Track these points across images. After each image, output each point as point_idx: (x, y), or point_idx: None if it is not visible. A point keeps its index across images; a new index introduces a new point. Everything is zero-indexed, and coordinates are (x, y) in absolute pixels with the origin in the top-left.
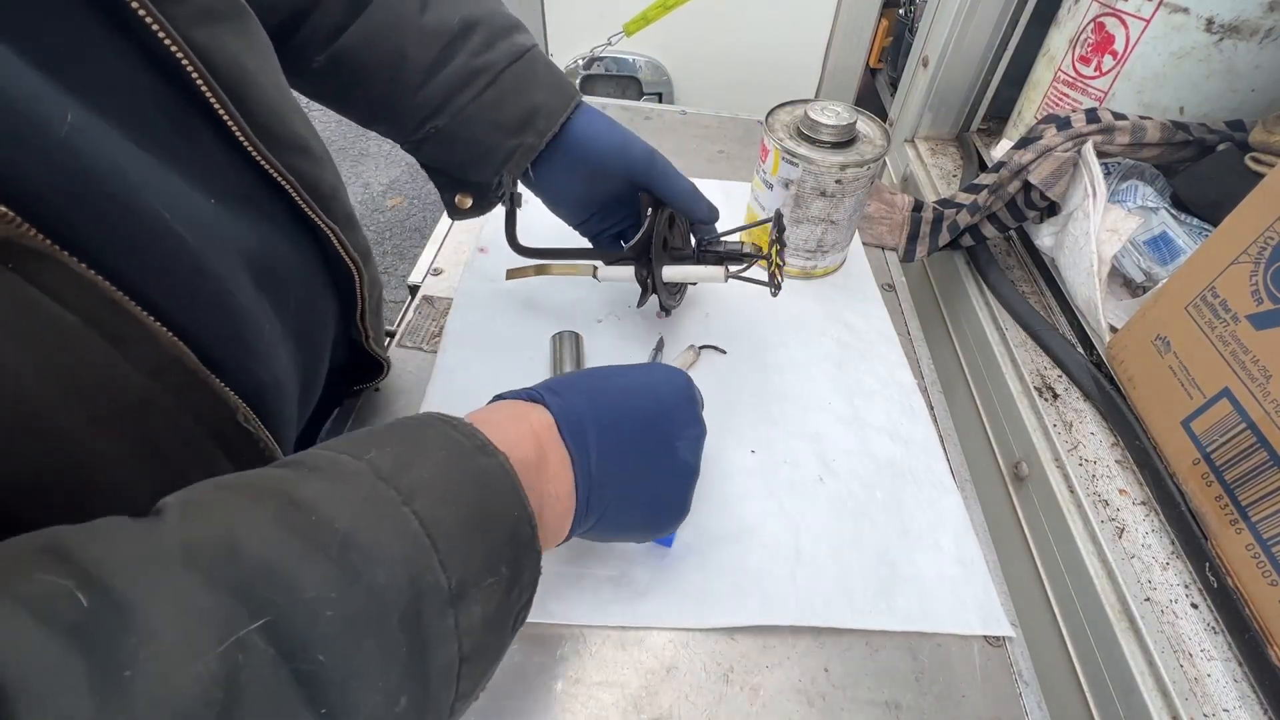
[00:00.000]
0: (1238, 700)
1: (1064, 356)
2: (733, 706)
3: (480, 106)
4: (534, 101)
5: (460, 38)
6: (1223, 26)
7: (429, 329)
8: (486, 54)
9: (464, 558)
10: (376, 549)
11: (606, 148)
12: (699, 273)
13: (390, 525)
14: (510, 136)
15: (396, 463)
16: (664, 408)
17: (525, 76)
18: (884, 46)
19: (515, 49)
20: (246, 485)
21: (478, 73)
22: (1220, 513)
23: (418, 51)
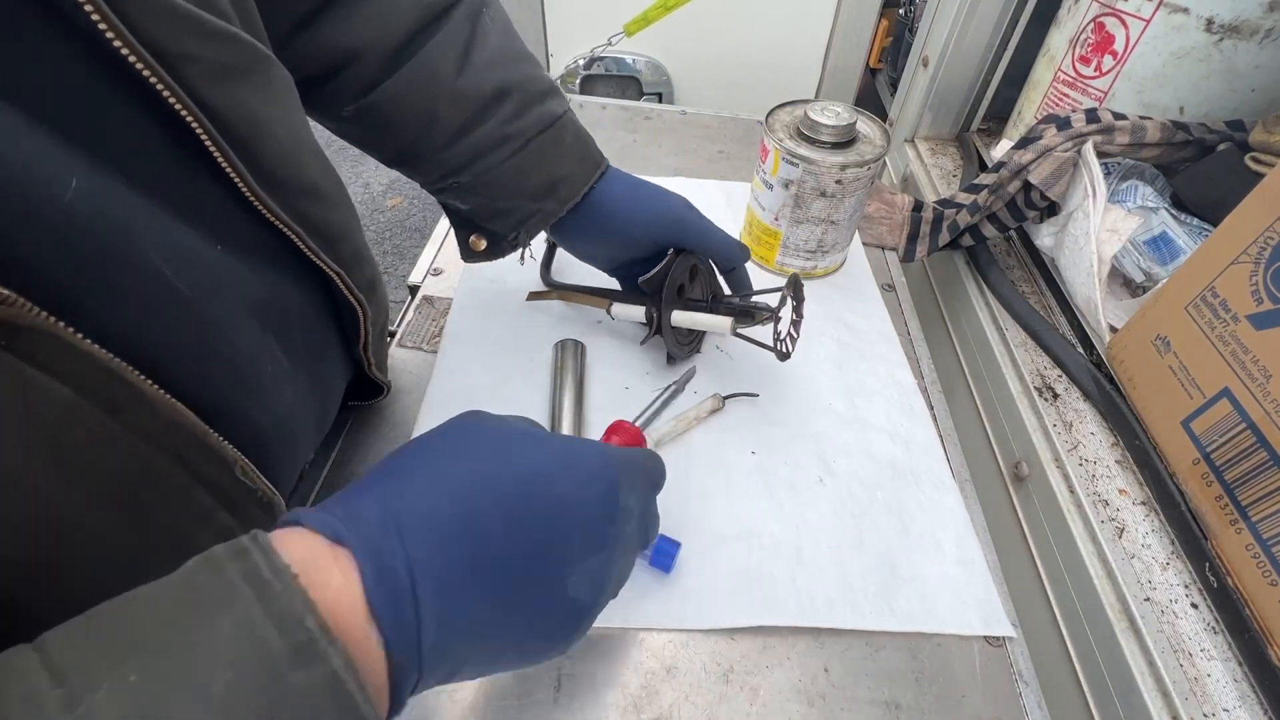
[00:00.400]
0: (1238, 700)
1: (1064, 356)
2: (733, 706)
3: (505, 172)
4: (559, 171)
5: (493, 104)
6: (1223, 26)
7: (429, 329)
8: (517, 122)
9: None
10: None
11: (629, 217)
12: (705, 321)
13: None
14: (532, 201)
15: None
16: (560, 532)
17: (553, 145)
18: (884, 46)
19: (546, 117)
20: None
21: (507, 139)
22: (1220, 513)
23: (449, 114)
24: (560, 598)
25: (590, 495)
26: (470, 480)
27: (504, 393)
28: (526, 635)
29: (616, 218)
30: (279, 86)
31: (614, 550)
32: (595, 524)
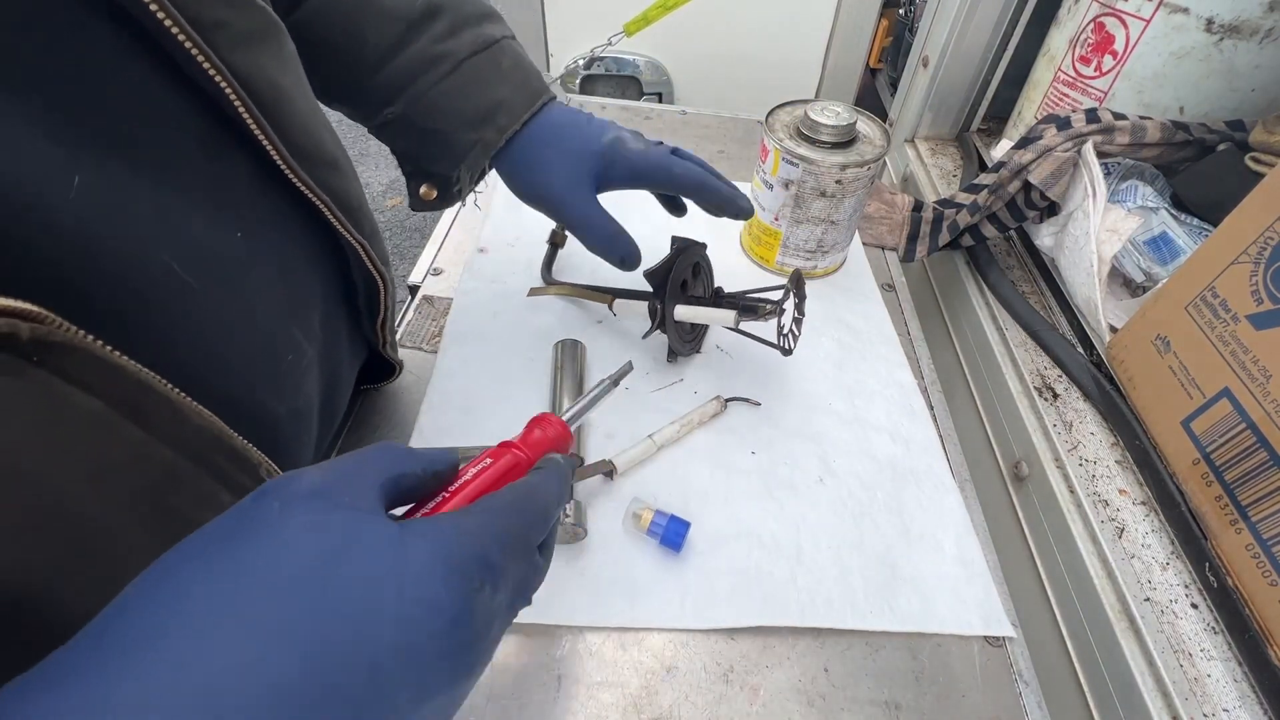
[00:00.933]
0: (1238, 700)
1: (1064, 356)
2: (733, 706)
3: (440, 95)
4: (497, 96)
5: (423, 21)
6: (1223, 26)
7: (429, 329)
8: (448, 41)
9: None
10: None
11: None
12: (710, 315)
13: None
14: (470, 130)
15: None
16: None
17: (489, 68)
18: (884, 46)
19: (482, 39)
20: None
21: (438, 59)
22: (1220, 513)
23: (377, 32)
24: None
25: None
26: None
27: (504, 393)
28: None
29: (554, 146)
30: (290, 54)
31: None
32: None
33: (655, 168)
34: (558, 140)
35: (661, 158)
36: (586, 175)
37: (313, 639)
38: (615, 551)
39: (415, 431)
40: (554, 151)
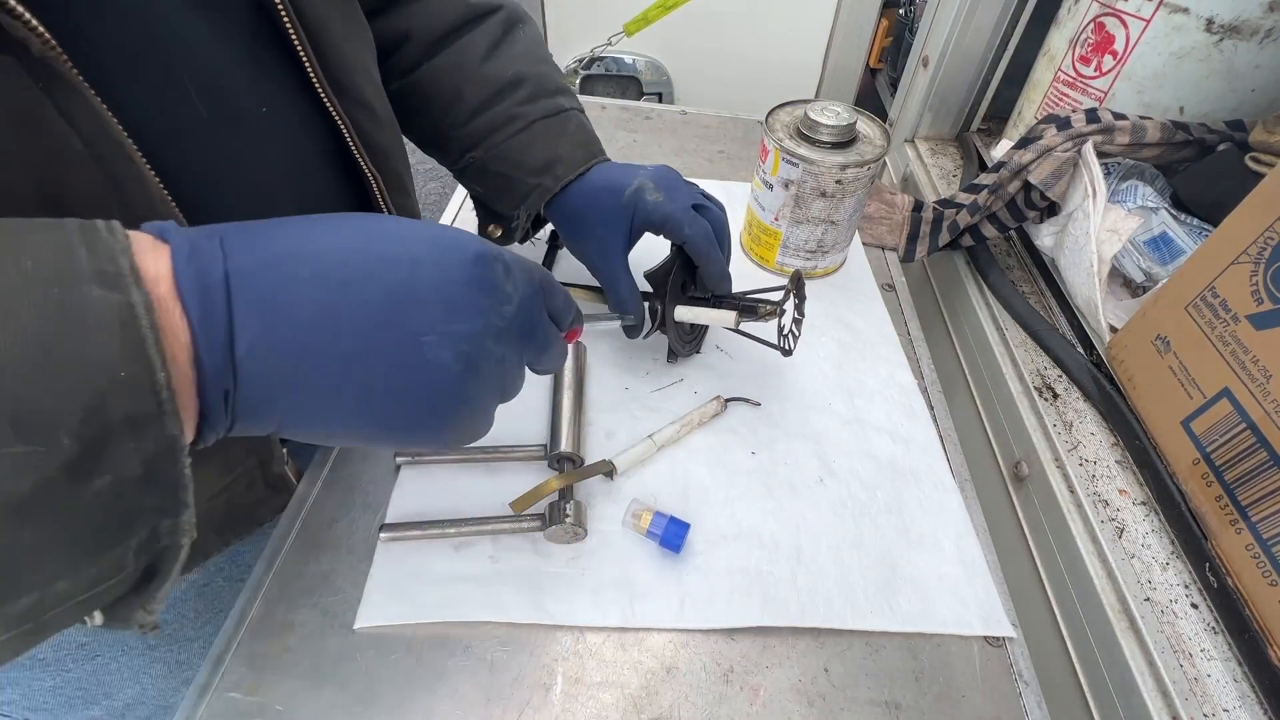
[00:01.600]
0: (1238, 700)
1: (1064, 356)
2: (733, 706)
3: (510, 147)
4: (557, 151)
5: (509, 88)
6: (1223, 27)
7: None
8: (527, 106)
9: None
10: None
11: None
12: (709, 315)
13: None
14: (531, 177)
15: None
16: (416, 284)
17: (555, 130)
18: (884, 46)
19: (553, 107)
20: None
21: (515, 118)
22: (1220, 513)
23: (471, 93)
24: (416, 357)
25: (451, 260)
26: (321, 232)
27: None
28: (380, 394)
29: (595, 201)
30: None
31: (484, 324)
32: (457, 289)
33: (667, 221)
34: (597, 198)
35: (674, 214)
36: (618, 232)
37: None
38: (615, 551)
39: None
40: (592, 213)
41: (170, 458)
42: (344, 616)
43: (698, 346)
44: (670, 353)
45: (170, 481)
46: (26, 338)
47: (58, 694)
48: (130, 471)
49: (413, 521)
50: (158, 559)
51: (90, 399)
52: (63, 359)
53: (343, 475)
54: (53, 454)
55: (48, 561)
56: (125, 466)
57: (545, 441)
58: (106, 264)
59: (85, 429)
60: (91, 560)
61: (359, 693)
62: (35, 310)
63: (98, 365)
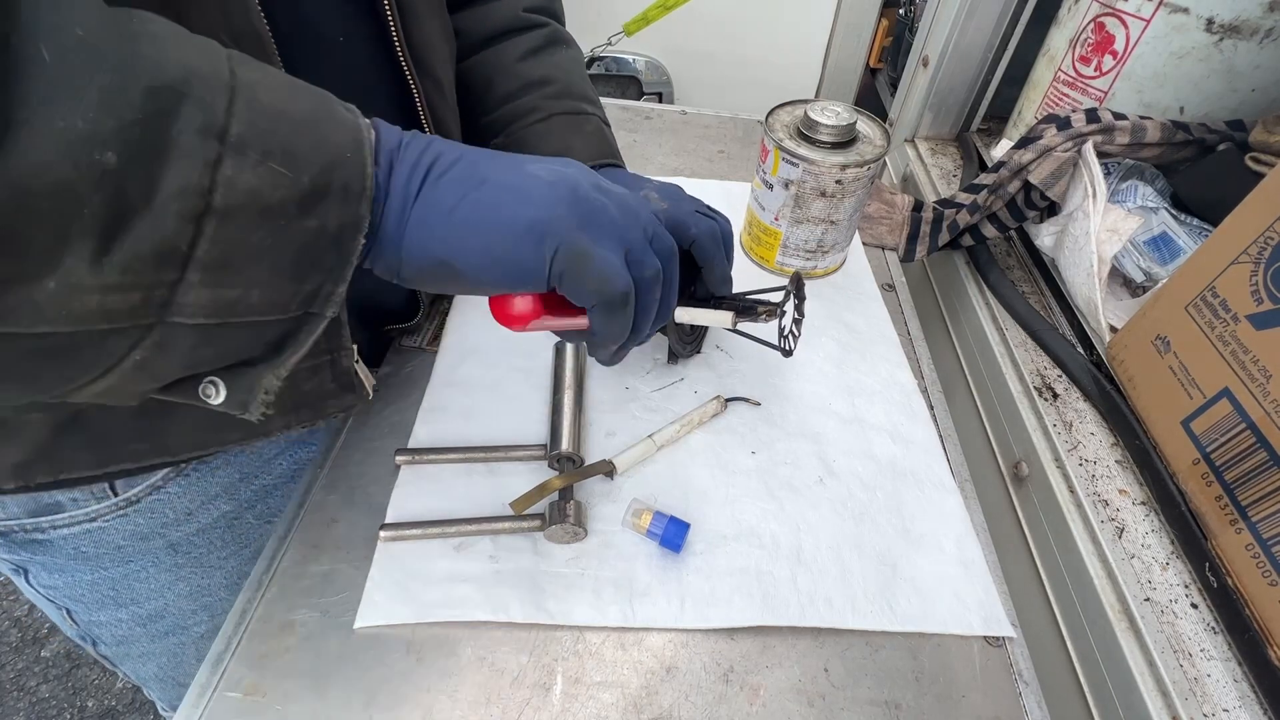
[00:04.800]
0: (1238, 700)
1: (1064, 356)
2: (733, 706)
3: (527, 136)
4: (568, 144)
5: (537, 85)
6: (1223, 26)
7: (429, 329)
8: (551, 103)
9: (260, 126)
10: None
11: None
12: (709, 316)
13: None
14: None
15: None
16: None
17: (572, 127)
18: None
19: (575, 109)
20: None
21: (535, 110)
22: (1220, 513)
23: (501, 85)
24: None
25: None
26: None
27: (504, 393)
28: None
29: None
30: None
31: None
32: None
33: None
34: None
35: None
36: None
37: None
38: (615, 551)
39: (414, 432)
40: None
41: (354, 230)
42: (344, 616)
43: (698, 347)
44: (670, 354)
45: (347, 250)
46: (304, 110)
47: (95, 590)
48: (331, 225)
49: (413, 521)
50: (303, 322)
51: (326, 159)
52: (319, 130)
53: (343, 475)
54: (296, 184)
55: (260, 265)
56: (329, 219)
57: (545, 441)
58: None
59: (319, 177)
60: (281, 282)
61: (359, 693)
62: (312, 101)
63: (336, 144)
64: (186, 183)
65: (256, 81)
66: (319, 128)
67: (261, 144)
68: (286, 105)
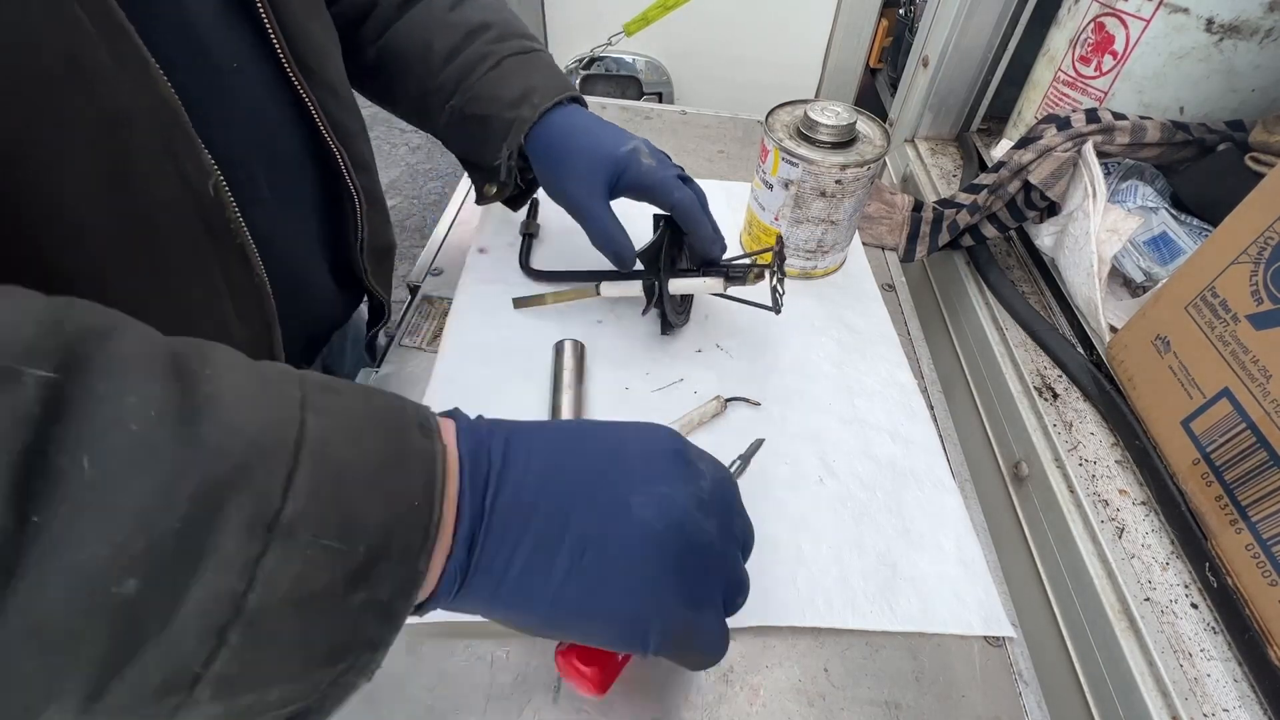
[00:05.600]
0: (1238, 700)
1: (1064, 356)
2: (733, 706)
3: (485, 85)
4: (531, 82)
5: (478, 31)
6: (1223, 26)
7: (429, 329)
8: (497, 44)
9: (320, 496)
10: (232, 415)
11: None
12: (701, 284)
13: (266, 411)
14: (508, 110)
15: (328, 383)
16: (622, 454)
17: (527, 65)
18: (884, 46)
19: (523, 47)
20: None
21: (486, 57)
22: (1220, 513)
23: (441, 41)
24: (626, 516)
25: (650, 437)
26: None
27: (504, 393)
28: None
29: (580, 139)
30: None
31: (683, 489)
32: (657, 457)
33: (659, 185)
34: (582, 139)
35: (667, 179)
36: (601, 177)
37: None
38: None
39: None
40: (576, 150)
41: (408, 593)
42: None
43: (687, 316)
44: (665, 324)
45: (398, 615)
46: (374, 453)
47: None
48: (380, 595)
49: None
50: (328, 697)
51: (388, 520)
52: (388, 480)
53: None
54: (350, 557)
55: (287, 662)
56: (381, 589)
57: None
58: (422, 419)
59: (375, 543)
60: (310, 674)
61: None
62: (384, 435)
63: (405, 494)
64: (217, 593)
65: (327, 431)
66: (388, 477)
67: (317, 521)
68: (355, 453)
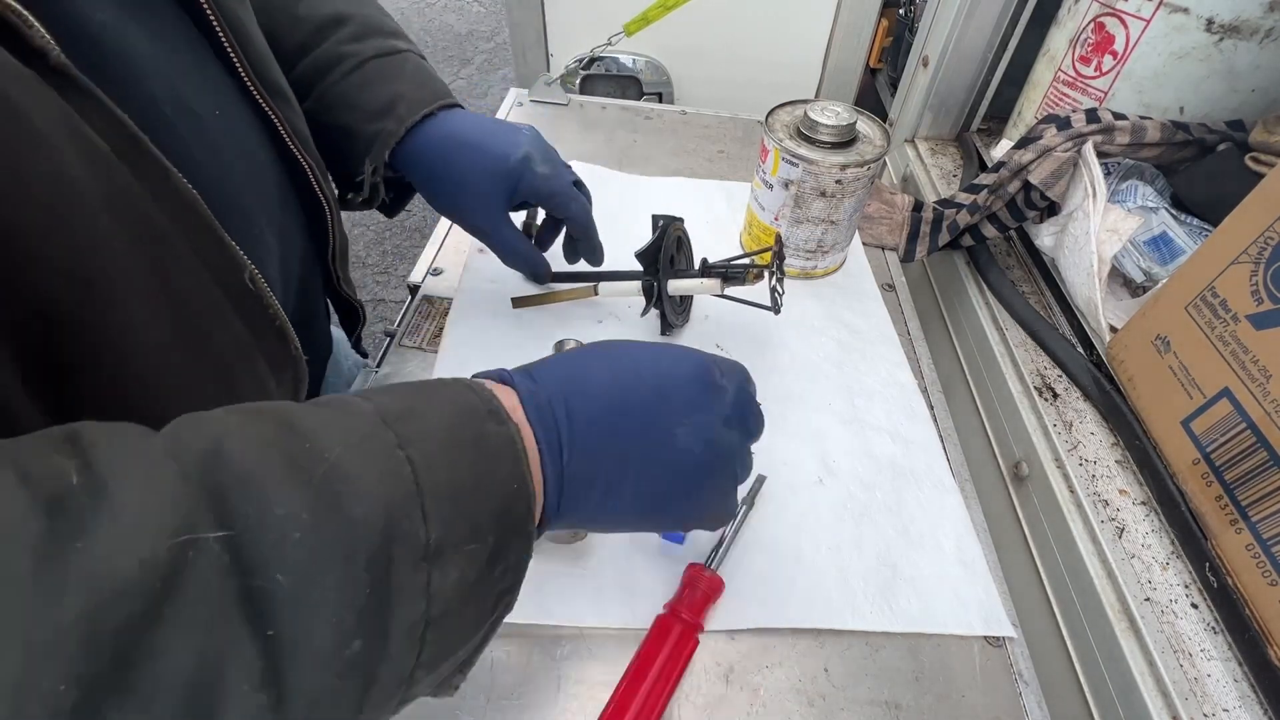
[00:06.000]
0: (1238, 700)
1: (1064, 356)
2: (733, 706)
3: (343, 90)
4: (396, 90)
5: (330, 26)
6: (1223, 26)
7: (429, 329)
8: (353, 44)
9: (449, 516)
10: (361, 485)
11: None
12: (699, 285)
13: (380, 466)
14: (371, 122)
15: (403, 409)
16: (664, 392)
17: (391, 70)
18: (884, 46)
19: (387, 47)
20: (254, 408)
21: (343, 58)
22: (1220, 513)
23: (288, 35)
24: (672, 447)
25: (682, 369)
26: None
27: None
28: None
29: (464, 154)
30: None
31: (715, 414)
32: (692, 389)
33: (556, 195)
34: (466, 154)
35: (563, 189)
36: (497, 193)
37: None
38: (616, 552)
39: None
40: (463, 167)
41: (528, 548)
42: None
43: (687, 316)
44: (665, 325)
45: (523, 565)
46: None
47: None
48: (511, 559)
49: None
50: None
51: (498, 507)
52: (488, 479)
53: None
54: (484, 548)
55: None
56: (510, 556)
57: None
58: (490, 404)
59: (498, 529)
60: (476, 632)
61: None
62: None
63: (501, 483)
64: (411, 619)
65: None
66: (487, 477)
67: (453, 536)
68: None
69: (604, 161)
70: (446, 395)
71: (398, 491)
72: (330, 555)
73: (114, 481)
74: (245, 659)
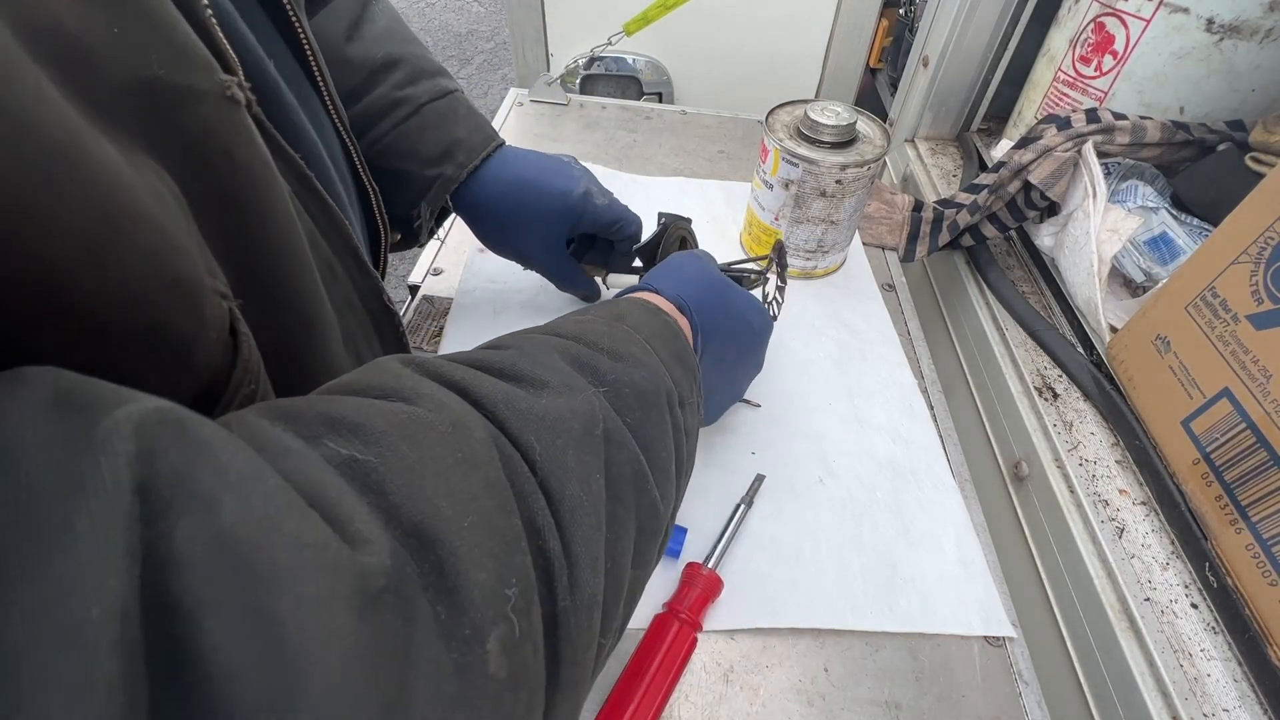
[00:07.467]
0: (1238, 700)
1: (1064, 356)
2: (733, 706)
3: (399, 136)
4: (454, 135)
5: (383, 71)
6: (1223, 26)
7: (429, 329)
8: (409, 88)
9: (677, 379)
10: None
11: (531, 185)
12: None
13: (639, 347)
14: (431, 167)
15: (615, 314)
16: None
17: (447, 113)
18: (884, 46)
19: (439, 89)
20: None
21: (398, 104)
22: (1220, 513)
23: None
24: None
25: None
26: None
27: None
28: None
29: (524, 194)
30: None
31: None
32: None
33: (615, 223)
34: (526, 194)
35: (623, 213)
36: (559, 231)
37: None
38: None
39: None
40: (524, 206)
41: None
42: None
43: None
44: None
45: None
46: (670, 347)
47: None
48: (690, 419)
49: None
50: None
51: (689, 376)
52: (683, 356)
53: None
54: (694, 406)
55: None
56: (691, 413)
57: None
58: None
59: (693, 390)
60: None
61: None
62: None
63: (687, 356)
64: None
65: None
66: (683, 352)
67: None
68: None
69: (604, 161)
70: (626, 305)
71: (658, 364)
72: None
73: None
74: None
